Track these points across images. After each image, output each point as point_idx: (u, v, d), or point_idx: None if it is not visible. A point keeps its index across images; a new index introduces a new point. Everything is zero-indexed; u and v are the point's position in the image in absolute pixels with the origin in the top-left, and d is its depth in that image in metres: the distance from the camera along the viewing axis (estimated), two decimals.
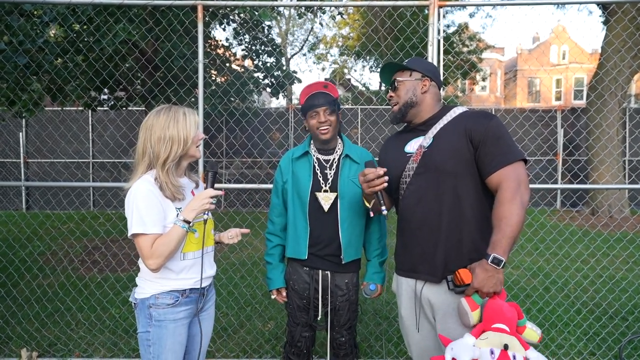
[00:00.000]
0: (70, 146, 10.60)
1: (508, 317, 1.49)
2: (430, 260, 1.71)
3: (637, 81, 25.30)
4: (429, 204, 1.70)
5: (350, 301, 2.14)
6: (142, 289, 1.72)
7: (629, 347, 3.24)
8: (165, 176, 1.65)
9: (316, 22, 24.07)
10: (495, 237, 1.53)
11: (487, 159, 1.62)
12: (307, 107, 2.08)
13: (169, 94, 5.98)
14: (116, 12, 4.93)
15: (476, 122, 1.65)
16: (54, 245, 6.67)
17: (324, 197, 2.06)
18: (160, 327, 1.68)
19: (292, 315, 2.18)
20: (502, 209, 1.54)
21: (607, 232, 7.43)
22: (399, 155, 1.82)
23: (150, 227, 1.60)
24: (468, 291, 1.57)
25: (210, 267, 1.86)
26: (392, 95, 1.83)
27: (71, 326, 3.66)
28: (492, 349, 1.43)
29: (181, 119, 1.67)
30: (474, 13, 20.00)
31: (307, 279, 2.12)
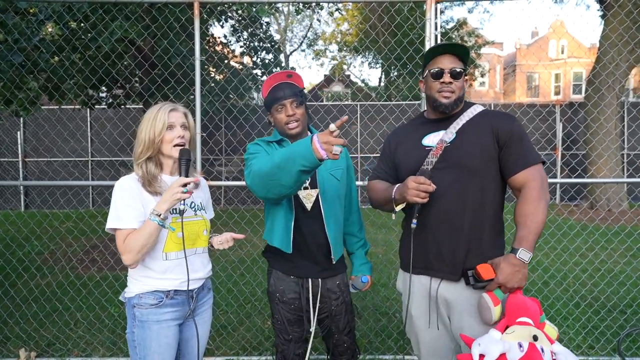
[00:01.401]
0: (67, 145, 10.57)
1: (532, 312, 1.49)
2: (450, 258, 1.66)
3: (635, 75, 25.35)
4: (451, 200, 1.65)
5: (346, 303, 2.00)
6: (129, 288, 1.71)
7: (628, 340, 3.25)
8: (141, 171, 1.68)
9: (314, 19, 24.02)
10: (522, 233, 1.56)
11: (512, 158, 1.66)
12: (272, 100, 1.87)
13: (166, 91, 5.96)
14: (112, 10, 4.90)
15: (502, 122, 1.68)
16: (51, 244, 6.66)
17: (306, 194, 1.89)
18: (143, 328, 1.64)
19: (281, 331, 1.95)
20: (529, 206, 1.59)
21: (605, 225, 7.44)
22: (415, 148, 1.76)
23: (126, 222, 1.60)
24: (491, 286, 1.55)
25: (202, 268, 1.78)
26: (451, 82, 1.69)
27: (69, 325, 3.66)
28: (520, 342, 1.42)
29: (151, 119, 1.67)
30: (472, 8, 20.00)
31: (297, 289, 1.92)
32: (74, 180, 9.80)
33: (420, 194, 1.55)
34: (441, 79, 1.69)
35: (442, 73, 1.69)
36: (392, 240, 6.90)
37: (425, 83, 1.79)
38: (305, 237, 1.90)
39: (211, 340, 3.36)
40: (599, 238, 6.30)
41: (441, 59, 1.71)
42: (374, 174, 1.91)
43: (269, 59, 8.83)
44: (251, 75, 8.38)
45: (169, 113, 1.69)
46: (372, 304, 4.06)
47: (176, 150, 1.69)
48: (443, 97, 1.69)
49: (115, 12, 4.89)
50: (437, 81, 1.70)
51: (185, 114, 1.76)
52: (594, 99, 8.64)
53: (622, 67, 8.17)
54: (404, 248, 1.84)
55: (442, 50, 1.70)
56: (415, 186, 1.55)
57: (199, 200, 1.83)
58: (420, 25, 9.68)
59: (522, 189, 1.65)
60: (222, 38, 8.55)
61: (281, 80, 1.89)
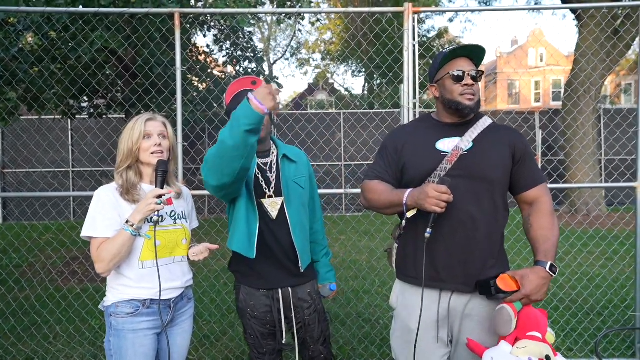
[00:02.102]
0: (46, 155, 10.38)
1: (542, 326, 1.49)
2: (462, 269, 1.62)
3: (610, 83, 26.17)
4: (466, 210, 1.61)
5: (319, 311, 1.96)
6: (107, 297, 1.72)
7: (604, 342, 3.34)
8: (121, 180, 1.71)
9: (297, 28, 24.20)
10: (546, 246, 1.60)
11: (526, 174, 1.70)
12: (236, 107, 1.73)
13: (147, 101, 5.93)
14: (92, 20, 4.88)
15: (518, 138, 1.71)
16: (30, 256, 6.51)
17: (271, 203, 1.87)
18: (119, 338, 1.64)
19: (255, 346, 1.91)
20: (548, 220, 1.65)
21: (581, 229, 7.64)
22: (429, 151, 1.69)
23: (100, 230, 1.62)
24: (515, 297, 1.52)
25: (181, 277, 1.78)
26: (473, 84, 1.67)
27: (49, 339, 3.58)
28: (531, 357, 1.42)
29: (129, 130, 1.71)
30: (453, 18, 20.42)
31: (267, 302, 1.88)
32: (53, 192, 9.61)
33: (441, 203, 1.47)
34: (463, 82, 1.65)
35: (463, 76, 1.65)
36: (373, 247, 6.95)
37: (441, 87, 1.72)
38: (272, 245, 1.87)
39: (194, 351, 3.34)
40: (576, 242, 6.46)
41: (459, 61, 1.68)
42: (372, 173, 1.78)
43: (252, 68, 8.87)
44: None
45: (146, 122, 1.72)
46: (355, 311, 4.08)
47: (154, 157, 1.70)
48: (467, 100, 1.65)
49: (96, 23, 4.87)
50: (459, 84, 1.66)
51: (164, 123, 1.78)
52: (567, 107, 8.92)
53: (594, 75, 8.45)
54: (407, 259, 1.74)
55: (461, 53, 1.68)
56: (437, 195, 1.47)
57: (181, 210, 1.84)
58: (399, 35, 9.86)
59: (534, 203, 1.70)
60: (204, 47, 8.56)
61: (245, 87, 1.86)
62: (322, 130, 10.41)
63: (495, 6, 3.16)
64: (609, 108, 10.96)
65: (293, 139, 10.64)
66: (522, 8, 3.22)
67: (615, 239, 6.63)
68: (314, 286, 1.98)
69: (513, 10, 3.00)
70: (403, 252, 1.76)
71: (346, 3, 17.45)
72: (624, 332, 3.44)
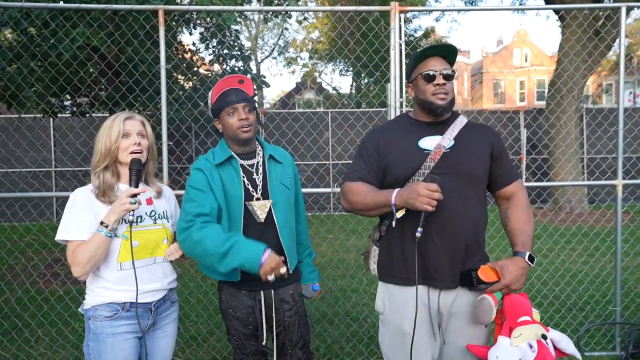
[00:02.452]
0: (26, 155, 10.15)
1: (528, 309, 1.55)
2: (450, 266, 1.63)
3: (592, 83, 26.68)
4: (452, 207, 1.62)
5: (299, 314, 1.92)
6: (86, 299, 1.68)
7: (586, 336, 3.40)
8: (97, 181, 1.67)
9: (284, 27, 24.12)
10: (524, 238, 1.67)
11: (502, 171, 1.76)
12: (223, 104, 1.80)
13: (131, 99, 5.83)
14: (73, 16, 4.77)
15: (495, 136, 1.76)
16: (10, 259, 6.36)
17: (260, 206, 1.83)
18: (98, 341, 1.61)
19: (238, 347, 1.89)
20: (525, 213, 1.71)
21: (564, 227, 7.77)
22: (413, 151, 1.68)
23: (74, 233, 1.59)
24: (496, 287, 1.56)
25: (163, 278, 1.74)
26: (445, 83, 1.67)
27: (30, 343, 3.50)
28: (530, 342, 1.47)
29: (107, 129, 1.67)
30: (439, 17, 20.57)
31: (249, 302, 1.85)
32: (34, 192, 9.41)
33: (432, 202, 1.47)
34: (434, 81, 1.66)
35: (435, 75, 1.66)
36: (361, 245, 6.96)
37: (415, 87, 1.74)
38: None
39: (180, 352, 3.30)
40: (559, 239, 6.57)
41: (431, 61, 1.69)
42: (353, 174, 1.75)
43: (239, 66, 8.79)
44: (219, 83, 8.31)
45: (125, 121, 1.68)
46: (343, 310, 4.08)
47: (132, 157, 1.67)
48: (439, 99, 1.66)
49: (77, 19, 4.77)
50: (430, 84, 1.67)
51: (143, 122, 1.74)
52: (551, 106, 9.06)
53: (576, 75, 8.60)
54: (393, 260, 1.72)
55: (432, 52, 1.68)
56: (428, 193, 1.46)
57: (162, 209, 1.79)
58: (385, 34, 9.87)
59: (511, 198, 1.76)
60: (190, 45, 8.46)
61: (232, 86, 1.84)
62: (309, 129, 10.40)
63: (481, 6, 3.19)
64: (591, 107, 11.17)
65: (280, 138, 10.61)
66: (506, 8, 3.28)
67: (597, 236, 6.76)
68: (296, 287, 1.96)
69: (498, 10, 3.03)
70: (387, 253, 1.75)
71: (333, 1, 17.45)
72: (605, 327, 3.51)
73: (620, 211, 3.10)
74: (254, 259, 1.60)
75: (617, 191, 3.09)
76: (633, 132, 10.92)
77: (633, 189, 10.73)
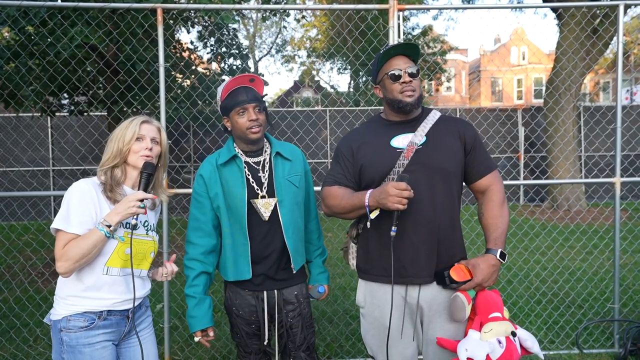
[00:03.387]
0: (24, 154, 10.12)
1: (500, 305, 1.58)
2: (427, 262, 1.65)
3: (589, 81, 26.71)
4: (427, 203, 1.64)
5: (303, 315, 1.89)
6: (54, 309, 1.57)
7: (585, 334, 3.41)
8: (105, 177, 1.63)
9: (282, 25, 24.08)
10: (496, 234, 1.66)
11: (477, 163, 1.75)
12: (233, 104, 1.78)
13: (129, 98, 5.82)
14: (71, 15, 4.76)
15: (467, 128, 1.75)
16: (8, 258, 6.35)
17: (264, 204, 1.82)
18: (73, 353, 1.51)
19: (241, 344, 1.89)
20: (498, 208, 1.70)
21: (563, 224, 7.79)
22: (385, 150, 1.70)
23: (73, 225, 1.50)
24: (468, 286, 1.59)
25: (142, 287, 1.70)
26: (411, 81, 1.69)
27: (28, 342, 3.50)
28: (499, 338, 1.50)
29: (122, 129, 1.65)
30: (437, 16, 20.58)
31: (253, 301, 1.85)
32: (32, 191, 9.38)
33: (403, 200, 1.48)
34: (401, 80, 1.68)
35: (401, 74, 1.69)
36: None
37: (382, 87, 1.76)
38: (262, 248, 1.83)
39: (180, 351, 3.30)
40: (557, 237, 6.59)
41: (395, 60, 1.71)
42: (330, 179, 1.79)
43: (237, 65, 8.78)
44: (217, 81, 8.31)
45: (141, 125, 1.66)
46: (342, 308, 4.09)
47: (142, 160, 1.63)
48: (407, 97, 1.68)
49: (75, 18, 4.75)
50: (397, 82, 1.69)
51: (159, 128, 1.73)
52: (549, 104, 9.07)
53: (574, 73, 8.61)
54: (372, 258, 1.74)
55: (394, 52, 1.71)
56: (397, 193, 1.48)
57: (152, 221, 1.76)
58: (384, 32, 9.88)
59: (486, 192, 1.75)
60: (188, 44, 8.45)
61: (243, 84, 1.82)
62: (308, 128, 10.39)
63: (478, 4, 3.20)
64: (589, 105, 11.19)
65: (279, 136, 10.60)
66: (504, 6, 3.28)
67: (595, 234, 6.78)
68: (302, 289, 1.93)
69: (496, 9, 3.04)
70: (365, 251, 1.77)
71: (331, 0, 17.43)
72: (604, 324, 3.52)
73: (619, 209, 3.11)
74: (194, 324, 1.83)
75: (616, 189, 3.10)
76: (631, 129, 10.94)
77: (631, 187, 10.76)
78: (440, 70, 16.12)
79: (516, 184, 3.17)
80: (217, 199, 1.82)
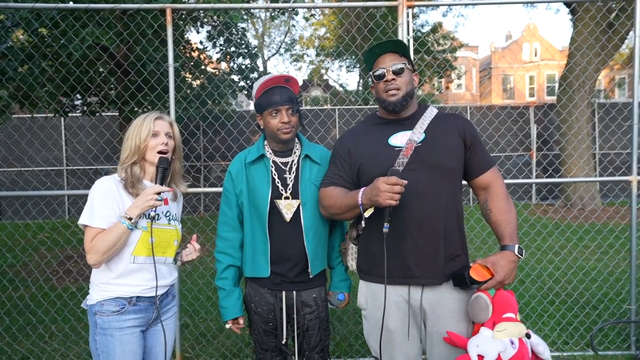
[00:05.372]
0: (38, 154, 10.28)
1: (514, 306, 1.56)
2: (432, 262, 1.62)
3: (604, 77, 26.27)
4: (429, 202, 1.61)
5: (321, 319, 1.92)
6: (90, 295, 1.70)
7: (600, 335, 3.35)
8: (125, 174, 1.71)
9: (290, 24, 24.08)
10: (509, 229, 1.63)
11: (477, 159, 1.71)
12: (267, 104, 1.80)
13: (140, 98, 5.87)
14: (83, 17, 4.81)
15: (465, 124, 1.72)
16: (24, 256, 6.45)
17: (286, 205, 1.83)
18: (105, 336, 1.64)
19: (258, 341, 1.93)
20: (504, 204, 1.67)
21: (577, 224, 7.67)
22: (383, 148, 1.68)
23: (97, 220, 1.61)
24: (489, 284, 1.55)
25: (169, 275, 1.78)
26: (395, 79, 1.66)
27: (44, 338, 3.55)
28: (512, 339, 1.48)
29: (138, 126, 1.72)
30: (446, 12, 20.38)
31: (271, 300, 1.88)
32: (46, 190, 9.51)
33: (394, 196, 1.45)
34: (384, 79, 1.67)
35: (384, 73, 1.67)
36: None
37: (374, 87, 1.75)
38: (282, 249, 1.84)
39: (190, 349, 3.32)
40: (571, 236, 6.49)
41: (381, 59, 1.69)
42: (326, 180, 1.78)
43: (246, 64, 8.80)
44: (226, 81, 8.34)
45: (155, 121, 1.73)
46: (352, 307, 4.08)
47: (157, 156, 1.72)
48: (390, 96, 1.66)
49: (86, 19, 4.80)
50: (381, 81, 1.68)
51: (171, 123, 1.81)
52: (562, 101, 8.93)
53: (589, 69, 8.46)
54: (368, 257, 1.73)
55: (380, 50, 1.69)
56: (388, 188, 1.44)
57: (174, 211, 1.84)
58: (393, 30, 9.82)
59: (489, 187, 1.71)
60: (197, 44, 8.49)
61: (278, 84, 1.83)
62: (317, 126, 10.38)
63: (489, 0, 3.13)
64: (604, 102, 11.00)
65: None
66: (517, 1, 3.19)
67: (611, 233, 6.67)
68: (321, 292, 1.93)
69: (507, 4, 2.98)
70: (366, 252, 1.74)
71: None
72: (620, 325, 3.46)
73: (635, 208, 3.05)
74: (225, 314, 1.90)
75: (632, 187, 3.04)
76: None
77: None
78: (450, 68, 15.95)
79: (528, 182, 3.12)
80: (242, 196, 1.88)
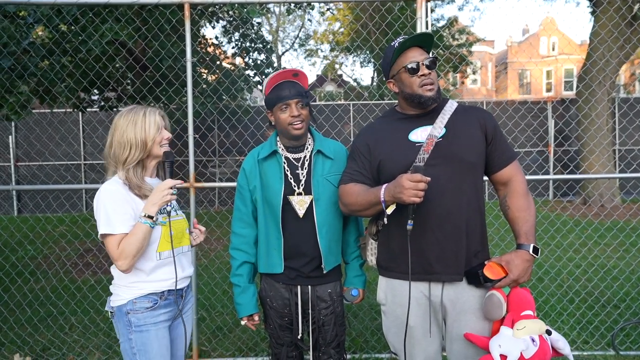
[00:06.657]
0: (59, 148, 10.49)
1: (532, 304, 1.55)
2: (454, 258, 1.60)
3: (625, 71, 25.58)
4: (451, 198, 1.59)
5: (336, 314, 1.91)
6: (118, 295, 1.67)
7: (621, 335, 3.28)
8: (129, 175, 1.66)
9: (306, 19, 24.03)
10: (526, 227, 1.60)
11: (498, 153, 1.68)
12: (276, 99, 1.79)
13: (158, 93, 5.93)
14: (102, 12, 4.86)
15: (487, 117, 1.69)
16: (45, 248, 6.60)
17: (299, 201, 1.83)
18: (141, 333, 1.63)
19: (274, 335, 1.93)
20: (524, 200, 1.64)
21: (598, 221, 7.51)
22: (403, 144, 1.65)
23: (117, 227, 1.59)
24: (503, 283, 1.54)
25: (189, 266, 1.81)
26: (430, 73, 1.62)
27: (64, 330, 3.63)
28: (532, 336, 1.47)
29: (140, 121, 1.66)
30: (462, 6, 20.08)
31: (286, 294, 1.88)
32: (66, 184, 9.69)
33: (419, 193, 1.42)
34: (419, 72, 1.61)
35: (419, 66, 1.61)
36: None
37: (398, 82, 1.68)
38: (295, 245, 1.85)
39: (207, 342, 3.35)
40: (592, 234, 6.35)
41: (411, 52, 1.63)
42: (346, 176, 1.75)
43: (261, 59, 8.82)
44: (243, 76, 8.36)
45: (157, 116, 1.72)
46: (368, 303, 4.06)
47: (163, 150, 1.71)
48: (427, 91, 1.61)
49: (106, 15, 4.86)
50: (415, 75, 1.62)
51: (163, 116, 1.79)
52: (585, 96, 8.71)
53: (612, 63, 8.24)
54: (388, 253, 1.71)
55: (410, 43, 1.63)
56: (412, 185, 1.41)
57: (174, 201, 1.85)
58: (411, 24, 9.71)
59: (509, 183, 1.68)
60: (213, 39, 8.53)
61: (286, 79, 1.82)
62: (333, 122, 10.35)
63: None
64: (628, 97, 10.72)
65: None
66: None
67: (633, 231, 6.51)
68: (336, 287, 1.92)
69: None
70: (387, 248, 1.72)
71: None
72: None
73: None
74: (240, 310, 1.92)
75: None
76: None
77: None
78: (466, 62, 15.72)
79: (547, 179, 3.06)
80: (256, 192, 1.89)
